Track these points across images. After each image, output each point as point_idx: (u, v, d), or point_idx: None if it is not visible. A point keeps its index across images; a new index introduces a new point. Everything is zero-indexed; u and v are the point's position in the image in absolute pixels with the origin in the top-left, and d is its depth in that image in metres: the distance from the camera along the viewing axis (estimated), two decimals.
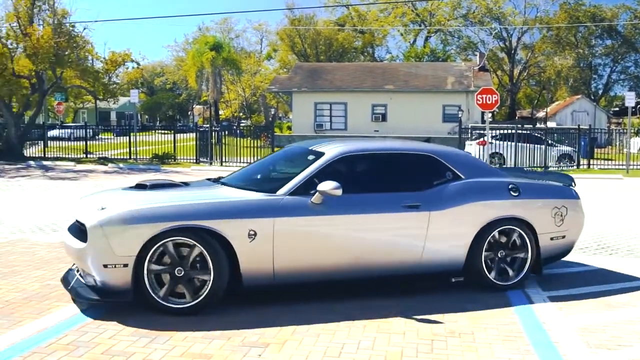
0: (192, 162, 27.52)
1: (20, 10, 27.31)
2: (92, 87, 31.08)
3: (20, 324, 5.74)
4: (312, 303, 6.46)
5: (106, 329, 5.61)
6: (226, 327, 5.68)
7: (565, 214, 7.54)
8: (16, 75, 28.56)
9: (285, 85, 48.27)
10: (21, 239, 10.00)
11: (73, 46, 28.61)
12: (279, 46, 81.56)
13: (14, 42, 28.42)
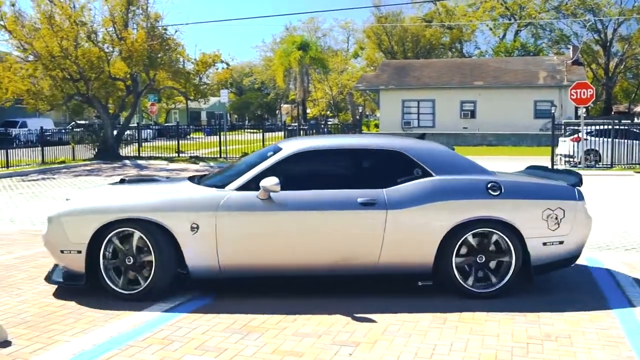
0: None
1: (115, 16, 28.24)
2: (184, 88, 31.84)
3: (117, 318, 5.92)
4: (401, 301, 6.39)
5: (199, 324, 5.71)
6: (316, 325, 5.69)
7: (561, 216, 6.66)
8: (112, 78, 29.58)
9: (373, 83, 48.17)
10: None
11: (165, 49, 29.38)
12: (365, 44, 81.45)
13: (110, 46, 29.43)
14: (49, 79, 28.18)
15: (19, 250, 9.16)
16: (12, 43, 28.17)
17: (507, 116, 42.71)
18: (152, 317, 5.93)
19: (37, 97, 28.23)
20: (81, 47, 28.24)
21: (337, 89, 70.11)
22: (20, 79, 27.61)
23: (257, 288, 6.81)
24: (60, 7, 27.12)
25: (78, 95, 29.64)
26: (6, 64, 27.89)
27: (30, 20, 27.87)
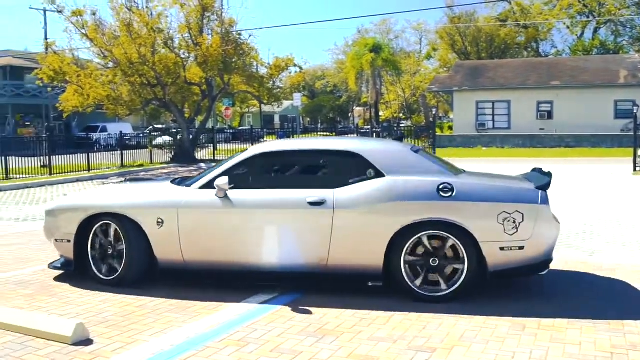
0: None
1: (191, 22, 28.82)
2: (258, 92, 32.22)
3: (195, 319, 6.01)
4: (477, 305, 6.26)
5: (275, 327, 5.74)
6: (392, 330, 5.64)
7: (520, 220, 6.29)
8: (188, 83, 30.20)
9: (446, 85, 47.66)
10: None
11: (239, 53, 29.80)
12: (438, 45, 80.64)
13: (186, 52, 30.05)
14: (128, 84, 28.98)
15: None
16: (93, 51, 29.12)
17: (586, 117, 41.53)
18: (228, 319, 6.00)
19: (117, 102, 29.07)
20: (158, 53, 28.93)
21: (410, 91, 69.65)
22: (101, 85, 28.49)
23: (332, 289, 6.81)
24: (139, 15, 27.86)
25: (155, 100, 30.38)
26: (88, 71, 28.82)
27: (110, 28, 28.72)
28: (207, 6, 28.63)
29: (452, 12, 72.94)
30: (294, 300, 6.55)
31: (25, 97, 52.07)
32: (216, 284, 7.09)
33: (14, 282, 7.50)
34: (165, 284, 7.19)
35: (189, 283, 7.22)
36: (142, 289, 7.00)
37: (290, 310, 6.22)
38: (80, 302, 6.62)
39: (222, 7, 29.60)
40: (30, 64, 47.63)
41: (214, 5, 29.01)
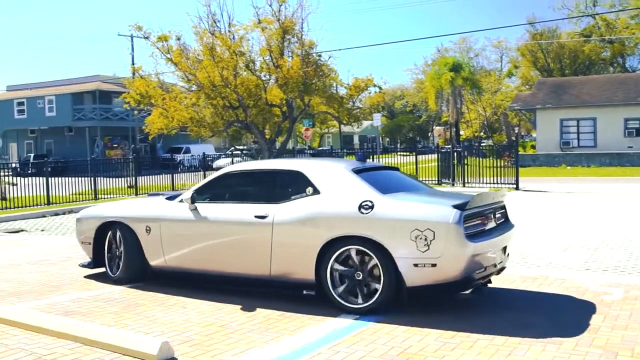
0: (434, 184, 27.44)
1: (272, 45, 29.26)
2: (337, 113, 32.33)
3: (276, 339, 6.04)
4: (561, 328, 6.05)
5: (357, 349, 5.70)
6: (477, 355, 5.51)
7: (431, 238, 6.41)
8: (269, 105, 30.62)
9: (528, 103, 46.70)
10: None
11: (319, 75, 30.03)
12: (520, 62, 79.20)
13: (266, 74, 30.51)
14: (211, 107, 29.62)
15: None
16: (178, 74, 29.97)
17: None
18: (309, 340, 5.99)
19: (200, 124, 29.75)
20: (240, 76, 29.47)
21: (491, 110, 68.55)
22: (185, 108, 29.24)
23: (415, 310, 6.72)
24: (221, 39, 28.50)
25: (237, 121, 30.92)
26: (172, 94, 29.64)
27: (194, 52, 29.48)
28: (287, 29, 29.03)
29: (534, 29, 71.58)
30: (376, 322, 6.50)
31: (113, 120, 54.06)
32: (297, 306, 7.12)
33: (102, 300, 7.73)
34: (247, 304, 7.26)
35: (270, 304, 7.27)
36: (223, 311, 7.09)
37: (372, 333, 6.17)
38: (164, 320, 6.76)
39: (302, 30, 29.89)
40: (118, 88, 49.44)
41: (294, 27, 29.39)
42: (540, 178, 29.51)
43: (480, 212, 6.97)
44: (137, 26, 29.23)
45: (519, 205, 19.12)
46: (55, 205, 21.02)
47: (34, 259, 11.05)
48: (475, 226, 6.78)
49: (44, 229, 16.16)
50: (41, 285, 8.71)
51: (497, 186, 24.78)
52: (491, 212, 7.23)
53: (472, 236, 6.60)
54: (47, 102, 56.12)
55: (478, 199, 6.89)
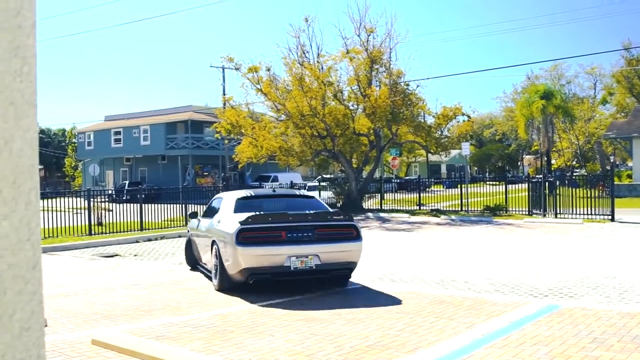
0: (525, 214, 26.77)
1: (360, 74, 29.49)
2: (425, 142, 32.13)
3: None
4: None
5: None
6: None
7: (224, 243, 10.03)
8: (356, 134, 30.76)
9: (624, 130, 45.13)
10: (361, 288, 10.54)
11: (407, 104, 29.99)
12: (614, 89, 76.73)
13: (354, 104, 30.71)
14: (299, 136, 30.01)
15: (270, 298, 9.68)
16: (267, 104, 30.58)
17: None
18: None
19: (288, 153, 30.16)
20: (328, 105, 29.79)
21: (584, 138, 66.58)
22: (274, 137, 29.73)
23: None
24: (310, 69, 28.91)
25: (325, 151, 31.17)
26: (262, 124, 30.22)
27: (283, 83, 30.02)
28: (375, 58, 29.20)
29: (629, 54, 69.26)
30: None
31: (204, 149, 55.46)
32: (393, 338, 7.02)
33: (191, 325, 7.85)
34: (332, 337, 7.22)
35: (355, 335, 7.21)
36: (310, 340, 7.07)
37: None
38: (252, 347, 6.80)
39: (390, 59, 30.01)
40: (209, 118, 50.79)
41: (382, 57, 29.53)
42: (638, 209, 28.30)
43: (266, 227, 9.88)
44: (229, 58, 30.08)
45: (615, 237, 18.38)
46: (148, 231, 21.65)
47: (127, 283, 11.38)
48: (255, 237, 9.75)
49: (136, 254, 16.65)
50: (133, 309, 8.94)
51: (591, 217, 23.92)
52: (284, 229, 9.84)
53: (248, 243, 9.58)
54: (142, 131, 58.19)
55: (257, 219, 9.93)
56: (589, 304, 8.89)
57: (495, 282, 10.97)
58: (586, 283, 10.74)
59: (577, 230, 20.92)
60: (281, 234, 9.79)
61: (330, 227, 10.20)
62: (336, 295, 9.94)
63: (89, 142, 64.02)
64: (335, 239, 10.06)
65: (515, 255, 14.96)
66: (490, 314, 8.21)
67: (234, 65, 30.21)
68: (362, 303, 9.19)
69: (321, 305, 9.04)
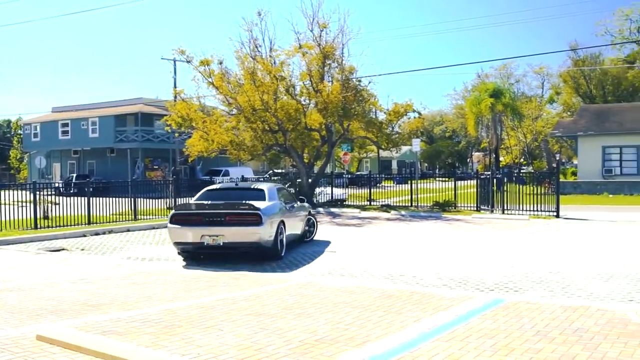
0: (473, 210, 27.21)
1: (312, 70, 29.47)
2: (376, 138, 32.34)
3: None
4: None
5: None
6: None
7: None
8: (308, 129, 30.78)
9: (570, 129, 46.17)
10: (311, 282, 10.59)
11: (359, 100, 30.12)
12: (561, 89, 78.47)
13: (306, 99, 30.71)
14: (251, 130, 29.89)
15: (221, 292, 9.64)
16: (219, 98, 30.37)
17: None
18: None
19: (240, 147, 30.01)
20: (280, 100, 29.73)
21: (532, 136, 67.92)
22: (225, 131, 29.54)
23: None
24: (262, 64, 28.81)
25: (276, 145, 31.12)
26: (213, 118, 30.00)
27: (235, 76, 29.85)
28: (328, 54, 29.23)
29: (576, 55, 70.93)
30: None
31: (154, 142, 54.83)
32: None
33: (139, 320, 7.77)
34: (282, 328, 7.24)
35: (312, 328, 7.24)
36: (260, 335, 7.08)
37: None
38: (201, 342, 6.77)
39: (342, 55, 30.09)
40: (160, 110, 50.21)
41: (335, 53, 29.59)
42: (582, 206, 29.01)
43: (189, 213, 13.65)
44: (180, 50, 29.75)
45: (559, 233, 18.83)
46: (96, 225, 21.31)
47: (74, 278, 11.20)
48: (184, 219, 13.37)
49: (84, 248, 16.39)
50: (80, 304, 8.81)
51: (536, 213, 24.45)
52: (202, 214, 13.27)
53: (176, 223, 13.30)
54: (91, 123, 57.22)
55: (184, 206, 15.61)
56: (533, 298, 9.10)
57: (443, 277, 11.13)
58: (531, 277, 10.99)
59: (523, 226, 21.35)
60: (200, 218, 13.19)
61: (237, 214, 13.01)
62: (286, 289, 9.96)
63: (36, 133, 62.68)
64: (240, 223, 12.91)
65: (463, 250, 15.20)
66: (438, 308, 8.34)
67: (185, 57, 29.92)
68: (311, 297, 9.22)
69: (271, 299, 9.05)
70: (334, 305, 8.63)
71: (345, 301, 8.87)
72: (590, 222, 22.28)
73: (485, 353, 6.25)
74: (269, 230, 13.12)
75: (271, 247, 13.32)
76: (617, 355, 6.15)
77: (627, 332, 7.05)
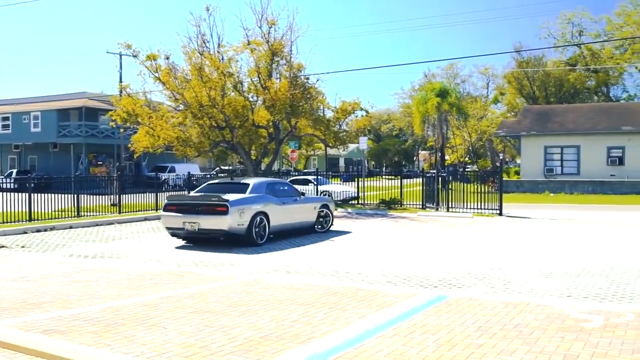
0: (419, 208, 27.54)
1: (260, 66, 29.32)
2: (324, 136, 32.38)
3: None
4: None
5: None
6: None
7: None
8: (255, 126, 30.64)
9: (513, 129, 47.11)
10: (256, 280, 10.58)
11: (307, 97, 30.09)
12: (506, 89, 79.99)
13: (254, 95, 30.53)
14: (197, 127, 29.58)
15: (165, 290, 9.57)
16: (165, 93, 29.91)
17: None
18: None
19: (186, 144, 29.68)
20: (228, 96, 29.49)
21: (477, 136, 69.03)
22: (171, 127, 29.18)
23: None
24: (210, 59, 28.54)
25: (223, 142, 30.89)
26: (159, 113, 29.60)
27: (182, 72, 29.49)
28: (276, 51, 29.14)
29: (520, 57, 72.41)
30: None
31: (99, 137, 53.86)
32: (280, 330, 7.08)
33: (81, 319, 7.66)
34: (228, 327, 7.22)
35: (257, 325, 7.23)
36: (205, 332, 7.05)
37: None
38: (145, 340, 6.71)
39: (291, 52, 29.99)
40: (104, 105, 49.34)
41: (283, 50, 29.50)
42: (524, 204, 29.64)
43: (176, 203, 16.17)
44: (127, 44, 29.21)
45: (502, 231, 19.21)
46: (37, 222, 20.85)
47: (14, 276, 10.95)
48: (172, 208, 15.81)
49: (24, 246, 16.02)
50: (20, 303, 8.63)
51: (480, 211, 24.89)
52: (184, 204, 15.89)
53: (167, 211, 15.90)
54: (33, 117, 55.86)
55: (173, 197, 17.61)
56: (476, 294, 9.28)
57: (388, 274, 11.25)
58: (474, 274, 11.19)
59: (467, 223, 21.72)
60: (183, 207, 15.67)
61: (209, 205, 15.20)
62: (231, 287, 9.93)
63: None
64: (212, 212, 15.06)
65: (408, 247, 15.38)
66: (382, 305, 8.43)
67: (131, 52, 29.37)
68: (257, 295, 9.22)
69: (216, 297, 9.02)
70: (279, 302, 8.65)
71: (290, 298, 8.90)
72: (531, 220, 22.79)
73: (428, 349, 6.35)
74: (238, 219, 15.03)
75: (244, 235, 15.22)
76: (555, 349, 6.33)
77: (564, 326, 7.26)
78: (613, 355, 6.15)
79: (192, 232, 15.30)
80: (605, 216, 23.73)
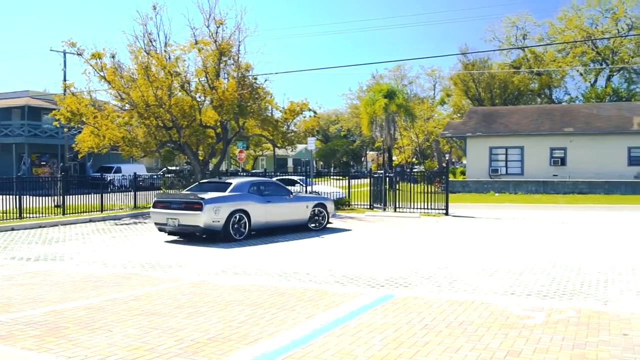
0: (366, 208, 27.74)
1: (208, 66, 29.10)
2: (272, 136, 32.33)
3: None
4: None
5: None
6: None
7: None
8: (203, 126, 30.40)
9: (459, 130, 47.80)
10: (204, 281, 10.51)
11: (255, 97, 29.99)
12: (452, 91, 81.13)
13: (202, 95, 30.28)
14: (144, 126, 29.20)
15: (110, 292, 9.43)
16: (111, 93, 29.42)
17: (599, 163, 41.49)
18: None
19: (132, 144, 29.27)
20: (175, 96, 29.19)
21: (424, 136, 69.85)
22: (117, 127, 28.74)
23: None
24: (156, 59, 28.22)
25: (170, 142, 30.58)
26: (104, 113, 29.12)
27: (128, 71, 29.08)
28: (224, 51, 28.96)
29: (466, 59, 73.54)
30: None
31: (42, 137, 52.69)
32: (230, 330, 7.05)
33: (23, 323, 7.49)
34: (175, 328, 7.16)
35: (204, 326, 7.18)
36: (151, 335, 6.98)
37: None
38: (89, 344, 6.60)
39: (238, 52, 29.83)
40: (48, 104, 48.33)
41: (231, 50, 29.33)
42: (469, 204, 30.13)
43: (162, 200, 17.21)
44: (71, 42, 28.63)
45: (448, 230, 19.48)
46: None
47: None
48: (159, 205, 17.09)
49: None
50: None
51: (427, 211, 25.21)
52: (168, 202, 16.95)
53: (155, 207, 17.15)
54: None
55: (160, 195, 18.73)
56: (422, 293, 9.40)
57: (335, 274, 11.30)
58: (420, 273, 11.33)
59: (414, 223, 21.97)
60: (167, 205, 16.85)
61: (187, 202, 16.33)
62: (178, 288, 9.85)
63: None
64: (189, 209, 16.16)
65: (355, 247, 15.47)
66: (330, 305, 8.47)
67: (76, 50, 28.81)
68: (204, 296, 9.16)
69: (163, 299, 8.93)
70: (226, 303, 8.61)
71: (238, 299, 8.87)
72: (477, 219, 23.18)
73: (375, 347, 6.41)
74: (213, 216, 16.06)
75: (221, 231, 16.28)
76: (499, 346, 6.46)
77: (507, 324, 7.41)
78: (554, 351, 6.31)
79: (173, 227, 16.54)
80: (548, 215, 24.30)
